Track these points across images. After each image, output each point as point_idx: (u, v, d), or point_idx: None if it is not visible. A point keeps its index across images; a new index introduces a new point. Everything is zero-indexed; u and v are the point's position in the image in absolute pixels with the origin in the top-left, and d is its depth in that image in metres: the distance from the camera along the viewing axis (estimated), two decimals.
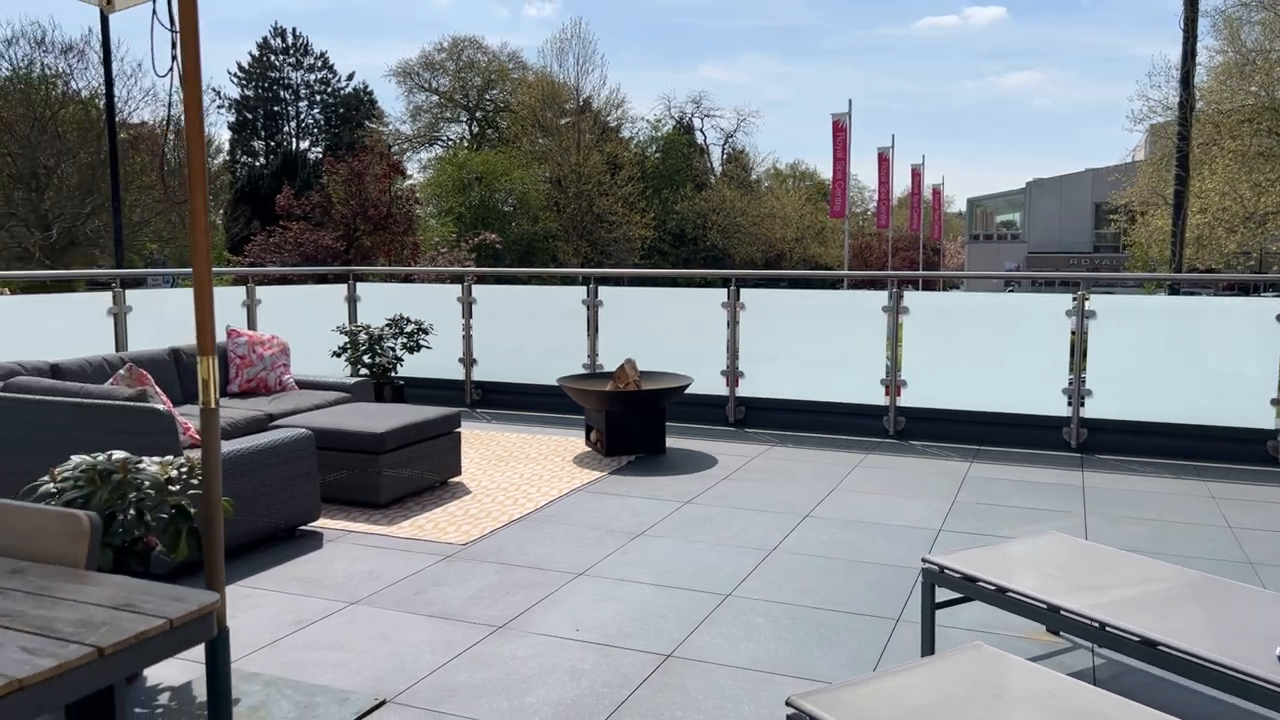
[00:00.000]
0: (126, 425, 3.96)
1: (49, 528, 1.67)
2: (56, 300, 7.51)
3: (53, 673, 1.22)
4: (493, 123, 45.20)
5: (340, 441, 5.02)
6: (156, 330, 6.74)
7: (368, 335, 7.45)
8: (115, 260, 11.12)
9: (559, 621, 3.54)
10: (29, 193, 27.71)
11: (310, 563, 4.20)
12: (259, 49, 42.57)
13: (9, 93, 28.56)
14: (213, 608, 1.46)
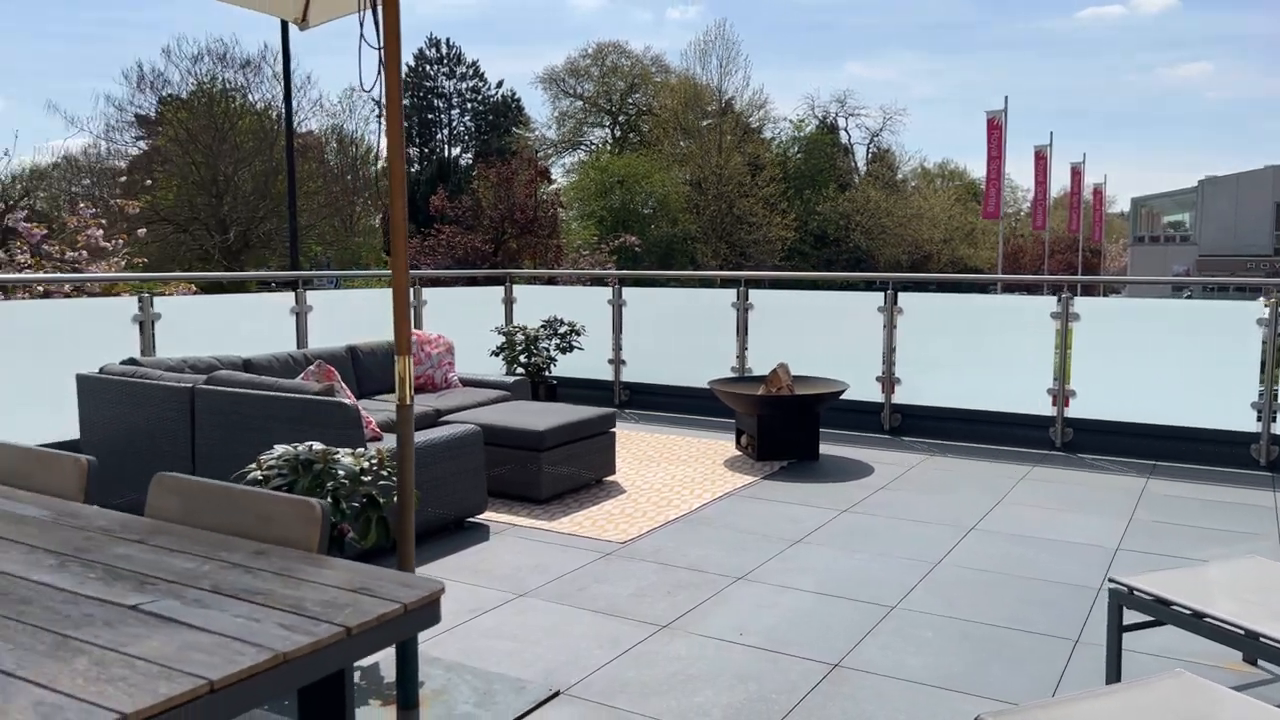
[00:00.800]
0: (316, 417, 4.23)
1: (285, 513, 1.80)
2: (247, 299, 8.04)
3: (310, 648, 1.32)
4: (634, 126, 45.73)
5: (504, 438, 5.19)
6: (326, 328, 7.16)
7: (524, 336, 7.68)
8: (290, 262, 11.86)
9: (722, 624, 3.56)
10: (210, 198, 29.87)
11: (480, 553, 4.36)
12: (415, 60, 44.48)
13: (194, 106, 30.87)
14: (439, 594, 1.55)
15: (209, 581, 1.56)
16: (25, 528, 1.87)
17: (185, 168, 29.79)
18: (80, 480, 2.12)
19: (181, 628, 1.37)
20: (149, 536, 1.81)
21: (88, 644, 1.31)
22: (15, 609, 1.44)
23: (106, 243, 10.74)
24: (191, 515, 1.92)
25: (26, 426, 5.17)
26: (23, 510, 1.99)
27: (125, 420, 4.82)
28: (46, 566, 1.64)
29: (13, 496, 2.10)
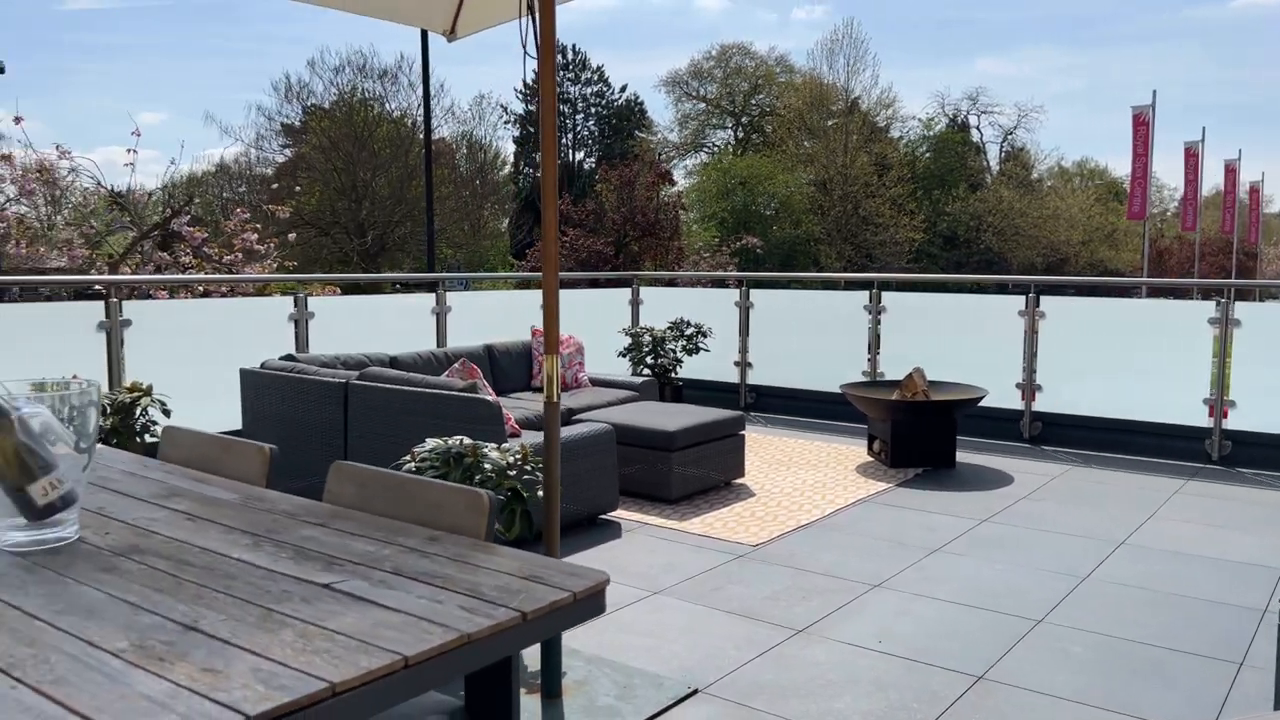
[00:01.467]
0: (460, 412, 4.39)
1: (455, 502, 1.89)
2: (390, 300, 8.39)
3: (491, 631, 1.39)
4: (758, 127, 45.47)
5: (635, 437, 5.27)
6: (458, 328, 7.41)
7: (652, 337, 7.76)
8: (427, 264, 12.31)
9: (859, 631, 3.51)
10: (349, 203, 31.29)
11: (613, 550, 4.44)
12: None
13: (335, 115, 32.40)
14: (605, 585, 1.60)
15: (390, 564, 1.66)
16: (219, 509, 2.02)
17: (327, 174, 31.31)
18: (263, 466, 2.27)
19: (371, 606, 1.46)
20: (330, 520, 1.93)
21: (290, 618, 1.41)
22: (223, 583, 1.57)
23: (259, 246, 11.40)
24: (366, 501, 2.04)
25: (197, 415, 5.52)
26: (214, 493, 2.15)
27: (284, 411, 5.12)
28: (243, 545, 1.77)
29: (204, 480, 2.27)
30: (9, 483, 1.71)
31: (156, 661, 1.26)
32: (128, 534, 1.84)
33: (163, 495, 2.14)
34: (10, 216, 11.12)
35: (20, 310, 7.03)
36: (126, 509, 2.02)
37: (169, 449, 2.54)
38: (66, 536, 1.79)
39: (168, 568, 1.64)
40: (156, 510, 2.01)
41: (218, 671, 1.23)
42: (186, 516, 1.96)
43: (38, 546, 1.75)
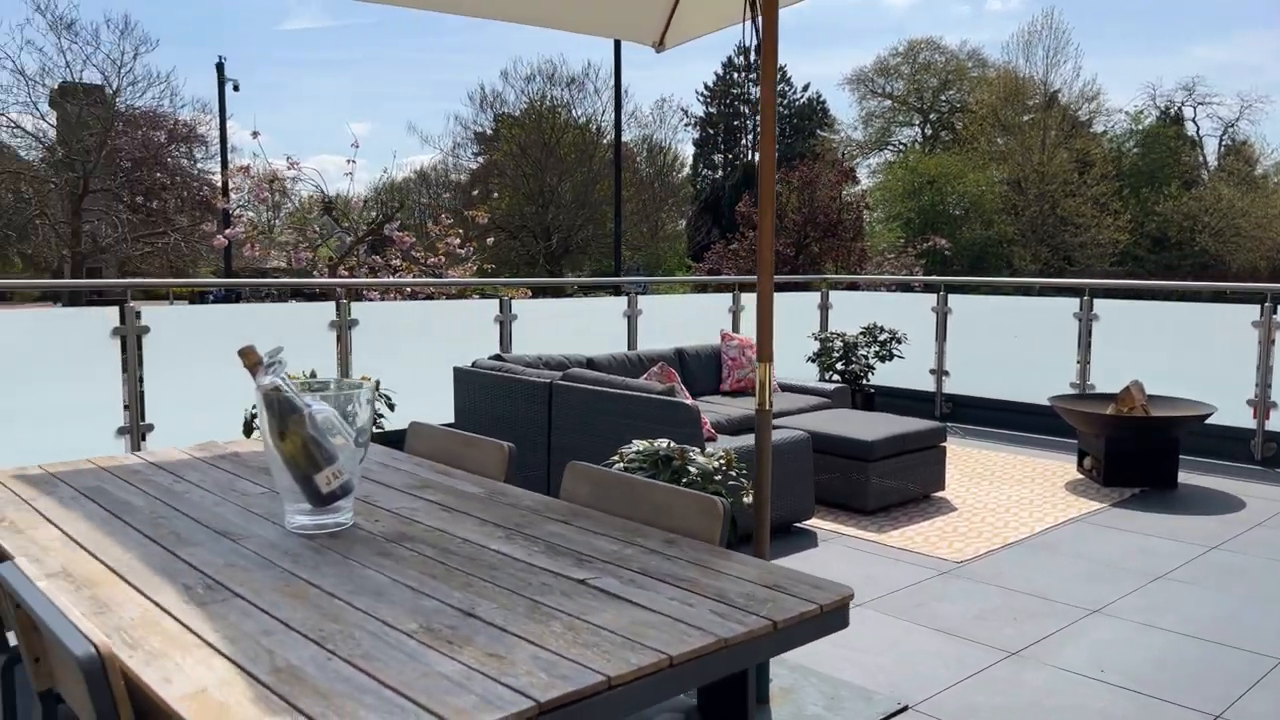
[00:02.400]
0: (659, 415, 4.49)
1: (689, 507, 1.95)
2: (583, 303, 8.64)
3: (745, 637, 1.43)
4: (947, 124, 43.80)
5: (830, 446, 5.21)
6: (647, 330, 7.55)
7: (843, 343, 7.64)
8: (614, 267, 12.63)
9: (1078, 658, 3.34)
10: (536, 207, 32.50)
11: (809, 559, 4.42)
12: (723, 68, 45.58)
13: (525, 122, 33.73)
14: (849, 599, 1.60)
15: (636, 564, 1.73)
16: (469, 501, 2.17)
17: (516, 179, 32.64)
18: (503, 462, 2.42)
19: (627, 605, 1.53)
20: (571, 518, 2.03)
21: (556, 610, 1.51)
22: (488, 573, 1.68)
23: (460, 249, 12.03)
24: (600, 500, 2.13)
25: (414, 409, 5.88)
26: (462, 486, 2.31)
27: (492, 408, 5.39)
28: (498, 538, 1.90)
29: (449, 474, 2.44)
30: (299, 471, 1.91)
31: (445, 644, 1.38)
32: (394, 522, 2.01)
33: (416, 486, 2.31)
34: (245, 222, 12.27)
35: (263, 309, 7.71)
36: (388, 498, 2.20)
37: (415, 442, 2.75)
38: (343, 522, 1.98)
39: (435, 555, 1.78)
40: (414, 500, 2.18)
41: (502, 657, 1.33)
42: (441, 508, 2.12)
43: (320, 530, 1.94)
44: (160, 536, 1.89)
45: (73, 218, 27.72)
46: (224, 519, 2.01)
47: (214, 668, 1.30)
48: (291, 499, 1.95)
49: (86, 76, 28.53)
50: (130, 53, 29.91)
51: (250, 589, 1.60)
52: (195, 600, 1.55)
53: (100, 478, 2.36)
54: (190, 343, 5.48)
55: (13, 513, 2.03)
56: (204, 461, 2.55)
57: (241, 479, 2.36)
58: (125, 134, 28.67)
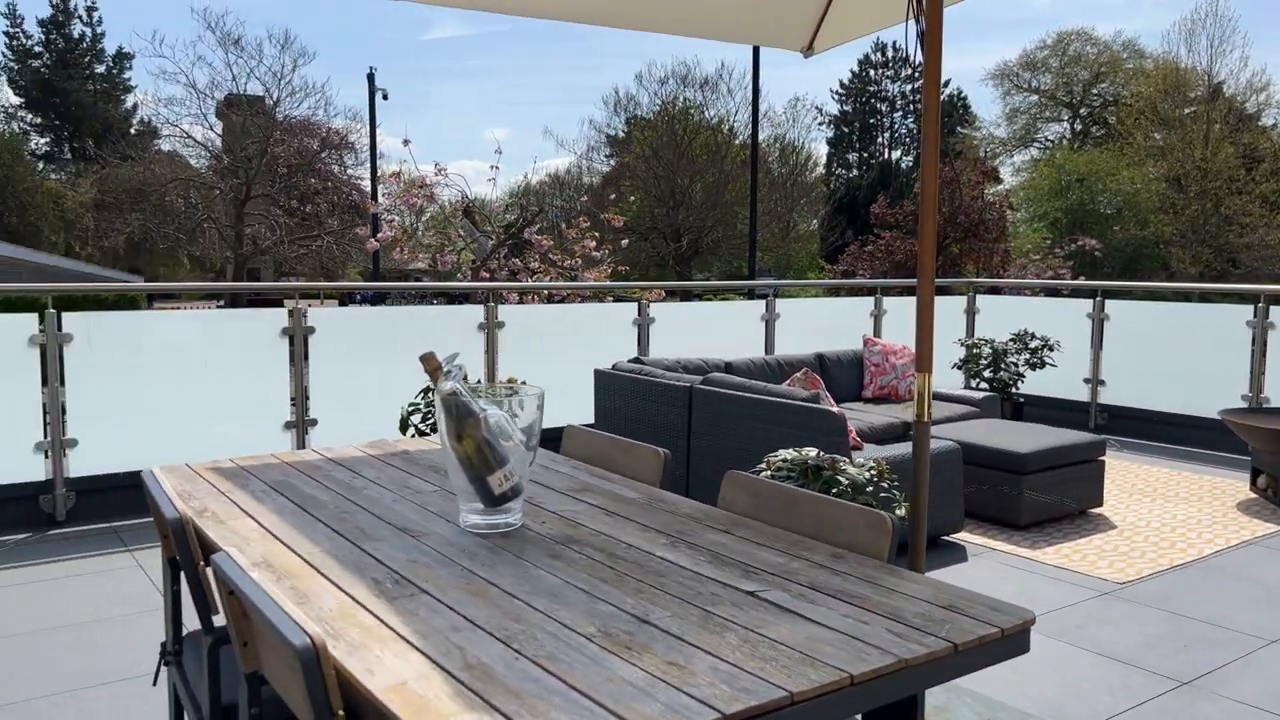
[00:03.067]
0: (803, 422, 4.44)
1: (855, 522, 1.93)
2: (718, 306, 8.64)
3: (925, 659, 1.40)
4: (1098, 119, 41.62)
5: (980, 457, 5.04)
6: (782, 332, 7.47)
7: (991, 349, 7.37)
8: (748, 270, 12.57)
9: (1259, 691, 3.12)
10: (667, 209, 32.67)
11: (958, 573, 4.28)
12: (859, 65, 44.69)
13: (658, 125, 33.96)
14: (1030, 624, 1.55)
15: (804, 578, 1.72)
16: (629, 506, 2.20)
17: (648, 181, 32.91)
18: (659, 468, 2.44)
19: (800, 619, 1.53)
20: (732, 528, 2.04)
21: (729, 622, 1.52)
22: (656, 580, 1.71)
23: (596, 252, 12.22)
24: (760, 511, 2.13)
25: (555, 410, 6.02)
26: (620, 491, 2.35)
27: (631, 410, 5.46)
28: (662, 545, 1.92)
29: (606, 478, 2.49)
30: (474, 472, 1.98)
31: (625, 649, 1.41)
32: (560, 524, 2.07)
33: (576, 489, 2.37)
34: (395, 226, 12.83)
35: (416, 311, 8.02)
36: (551, 500, 2.26)
37: (570, 445, 2.81)
38: (513, 523, 2.04)
39: (604, 560, 1.82)
40: (576, 504, 2.23)
41: (682, 667, 1.35)
42: (604, 512, 2.16)
43: (492, 529, 2.01)
44: (346, 531, 2.00)
45: (236, 222, 29.62)
46: (402, 516, 2.11)
47: (410, 661, 1.36)
48: (466, 498, 2.03)
49: (250, 88, 30.47)
50: (290, 65, 31.80)
51: (435, 585, 1.67)
52: (385, 595, 1.63)
53: (286, 472, 2.51)
54: (350, 343, 5.77)
55: (213, 504, 2.19)
56: (377, 459, 2.68)
57: (414, 477, 2.47)
58: (283, 142, 30.43)
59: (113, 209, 30.72)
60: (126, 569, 4.25)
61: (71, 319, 4.86)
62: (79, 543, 4.62)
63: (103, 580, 4.10)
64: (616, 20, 3.77)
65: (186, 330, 5.61)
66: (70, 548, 4.54)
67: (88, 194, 33.03)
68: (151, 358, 5.23)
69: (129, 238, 30.65)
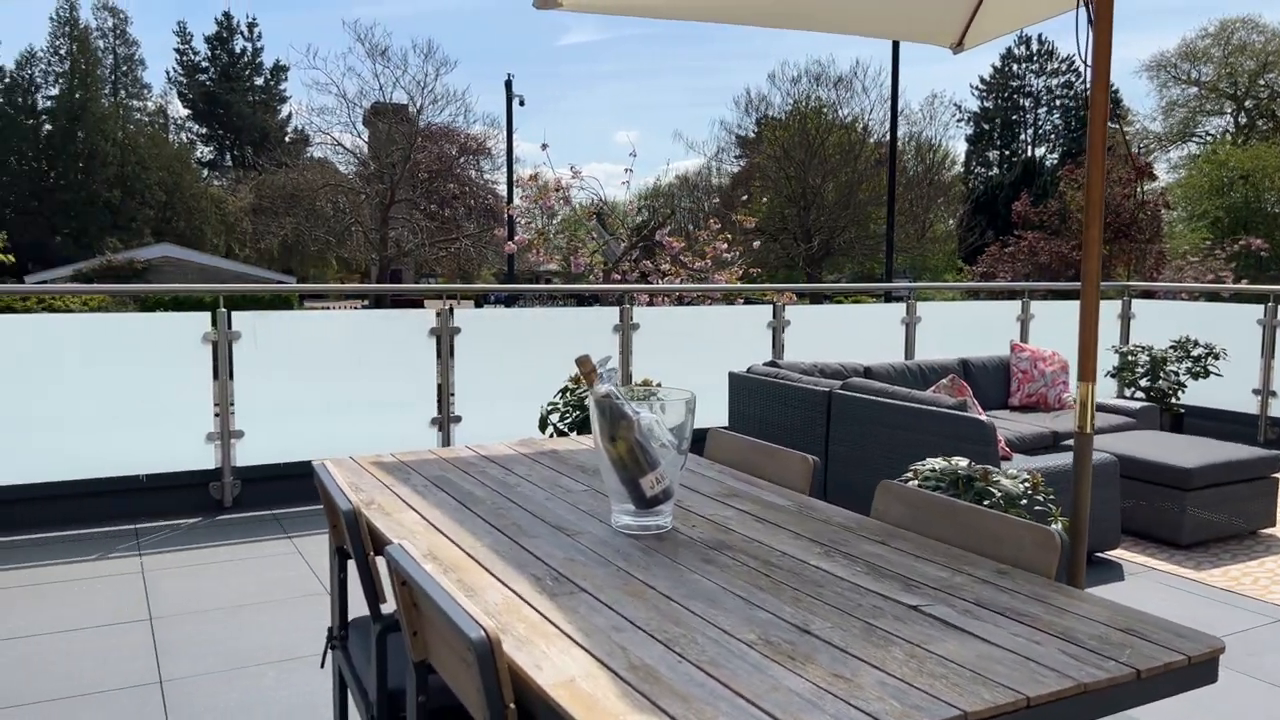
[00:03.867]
0: (948, 430, 4.30)
1: (1019, 537, 1.85)
2: (855, 309, 8.48)
3: (1107, 684, 1.34)
4: (1265, 111, 38.74)
5: (1139, 471, 4.77)
6: (922, 337, 7.24)
7: (1149, 357, 6.96)
8: (885, 272, 12.28)
9: None
10: (798, 210, 32.27)
11: (1115, 592, 4.06)
12: (1001, 60, 43.04)
13: (789, 125, 33.58)
14: (1219, 652, 1.46)
15: (969, 594, 1.67)
16: (780, 514, 2.19)
17: (779, 182, 32.58)
18: (807, 475, 2.42)
19: (968, 636, 1.48)
20: (887, 539, 2.00)
21: (893, 635, 1.48)
22: (813, 589, 1.69)
23: (727, 254, 12.18)
24: (915, 523, 2.08)
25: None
26: (768, 497, 2.34)
27: (767, 415, 5.42)
28: (816, 554, 1.90)
29: (754, 484, 2.48)
30: (626, 474, 2.01)
31: (787, 659, 1.40)
32: (710, 529, 2.07)
33: (724, 494, 2.37)
34: (532, 229, 13.14)
35: (555, 313, 8.20)
36: (700, 504, 2.27)
37: (715, 449, 2.81)
38: (664, 525, 2.06)
39: (759, 567, 1.81)
40: (725, 509, 2.23)
41: (848, 679, 1.33)
42: (754, 518, 2.15)
43: (644, 531, 2.03)
44: (504, 527, 2.06)
45: (381, 225, 30.97)
46: (556, 514, 2.16)
47: (576, 659, 1.39)
48: (618, 499, 2.06)
49: (395, 97, 31.80)
50: (432, 74, 33.00)
51: (593, 584, 1.70)
52: (546, 591, 1.67)
53: (443, 468, 2.61)
54: (492, 343, 5.94)
55: (379, 497, 2.30)
56: (527, 457, 2.75)
57: (564, 476, 2.52)
58: (424, 148, 31.63)
59: (268, 213, 32.63)
60: (287, 555, 4.51)
61: (240, 318, 5.19)
62: (244, 528, 4.92)
63: (266, 565, 4.36)
64: (765, 20, 3.75)
65: (339, 329, 5.91)
66: (236, 533, 4.85)
67: (246, 199, 35.21)
68: (307, 355, 5.52)
69: (283, 240, 32.49)
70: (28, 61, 44.07)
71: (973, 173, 42.86)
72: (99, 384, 4.96)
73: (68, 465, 4.89)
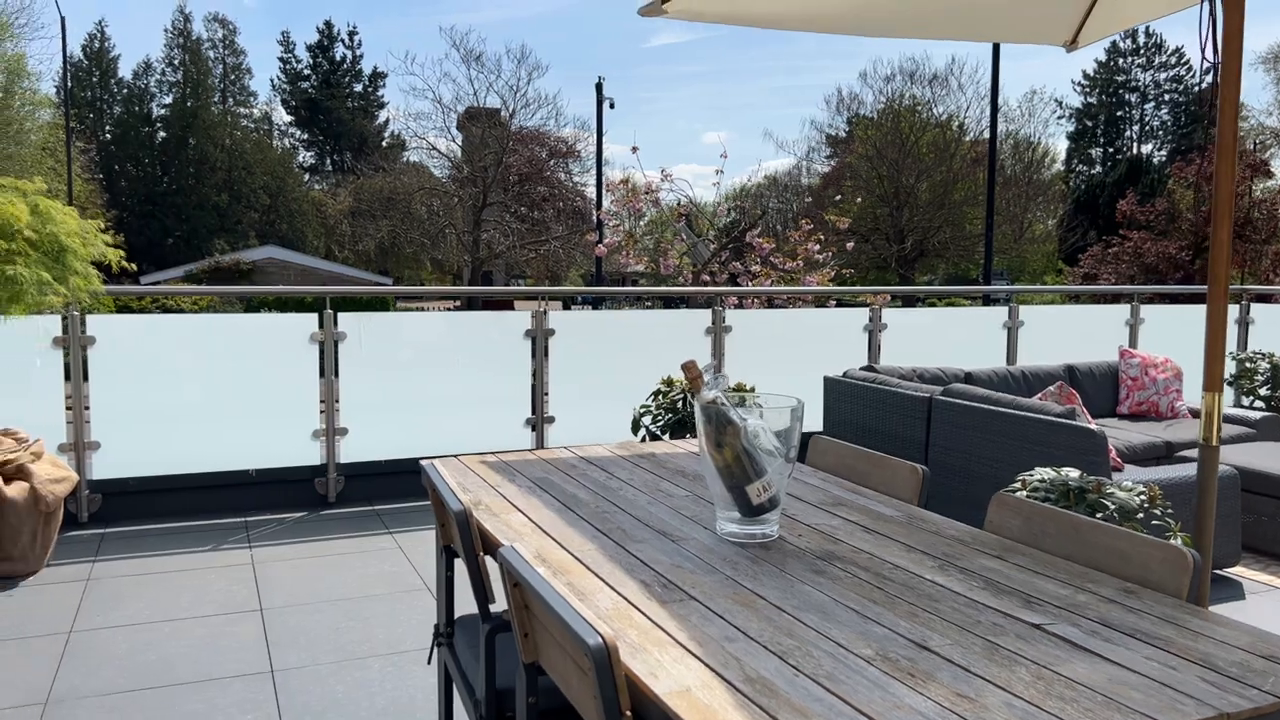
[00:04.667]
0: (1055, 440, 4.16)
1: (1148, 555, 1.77)
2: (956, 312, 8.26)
3: (1250, 714, 1.27)
4: None
5: (1261, 484, 4.53)
6: (1025, 342, 7.01)
7: (1270, 365, 6.61)
8: (983, 276, 11.95)
9: None
10: (890, 210, 31.69)
11: (1239, 613, 3.86)
12: (1106, 54, 41.48)
13: (882, 124, 33.00)
14: None
15: (1093, 613, 1.60)
16: (889, 525, 2.14)
17: (870, 181, 32.06)
18: (916, 486, 2.36)
19: (1097, 659, 1.42)
20: (1004, 553, 1.93)
21: (1017, 655, 1.43)
22: (930, 604, 1.65)
23: (819, 255, 12.03)
24: (1032, 537, 2.01)
25: None
26: (876, 507, 2.29)
27: (863, 420, 5.32)
28: (930, 567, 1.85)
29: (859, 492, 2.43)
30: (733, 481, 1.99)
31: (908, 676, 1.36)
32: (818, 539, 2.04)
33: (829, 503, 2.33)
34: (621, 232, 13.21)
35: (648, 315, 8.23)
36: (805, 513, 2.24)
37: (816, 456, 2.77)
38: (770, 534, 2.04)
39: (871, 579, 1.78)
40: (832, 518, 2.20)
41: (972, 699, 1.29)
42: (862, 529, 2.11)
43: (749, 539, 2.02)
44: (609, 530, 2.06)
45: (474, 228, 31.59)
46: (660, 519, 2.16)
47: (690, 668, 1.39)
48: (723, 506, 2.04)
49: (488, 102, 32.40)
50: (525, 78, 33.51)
51: (702, 592, 1.69)
52: (656, 598, 1.67)
53: (545, 469, 2.64)
54: (584, 345, 5.99)
55: (486, 497, 2.33)
56: (627, 460, 2.76)
57: (664, 480, 2.52)
58: (515, 152, 32.14)
59: (366, 216, 33.61)
60: (388, 550, 4.62)
61: (345, 319, 5.35)
62: (346, 523, 5.07)
63: (368, 559, 4.48)
64: (874, 30, 3.69)
65: (437, 330, 6.04)
66: (340, 527, 4.99)
67: (345, 202, 36.34)
68: (407, 355, 5.66)
69: (379, 243, 33.42)
70: (145, 72, 46.43)
71: (1074, 171, 41.42)
72: (214, 381, 5.17)
73: (186, 459, 5.12)
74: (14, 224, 3.94)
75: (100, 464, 4.95)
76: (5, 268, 3.86)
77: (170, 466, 5.09)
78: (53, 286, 3.96)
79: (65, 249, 4.17)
